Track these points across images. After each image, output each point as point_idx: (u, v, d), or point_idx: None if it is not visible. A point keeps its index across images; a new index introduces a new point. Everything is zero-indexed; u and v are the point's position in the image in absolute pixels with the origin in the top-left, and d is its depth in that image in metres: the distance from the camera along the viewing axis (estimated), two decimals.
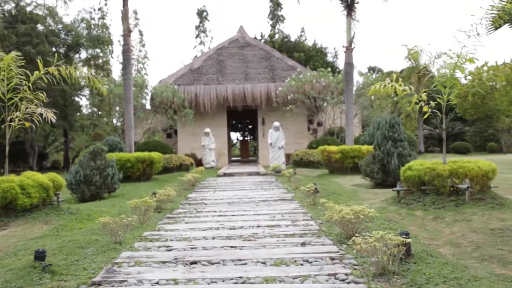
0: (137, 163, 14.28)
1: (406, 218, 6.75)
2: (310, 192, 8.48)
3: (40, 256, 4.41)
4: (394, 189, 8.08)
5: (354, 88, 20.30)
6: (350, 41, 14.91)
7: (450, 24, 76.72)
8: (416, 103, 7.95)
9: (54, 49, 25.78)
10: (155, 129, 22.86)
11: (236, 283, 3.86)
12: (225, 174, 16.13)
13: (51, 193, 7.76)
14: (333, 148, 14.68)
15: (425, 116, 8.13)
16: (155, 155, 14.85)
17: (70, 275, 4.27)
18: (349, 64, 14.97)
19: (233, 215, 7.38)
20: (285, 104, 21.53)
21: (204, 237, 5.71)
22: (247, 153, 32.52)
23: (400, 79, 8.11)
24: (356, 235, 5.29)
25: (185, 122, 20.98)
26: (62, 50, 26.28)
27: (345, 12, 15.37)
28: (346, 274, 3.97)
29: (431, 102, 7.80)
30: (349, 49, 14.92)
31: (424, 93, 7.73)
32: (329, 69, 21.70)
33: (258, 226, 6.31)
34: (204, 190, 11.49)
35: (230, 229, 6.21)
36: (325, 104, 19.95)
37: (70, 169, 10.97)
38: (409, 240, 4.20)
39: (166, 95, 19.80)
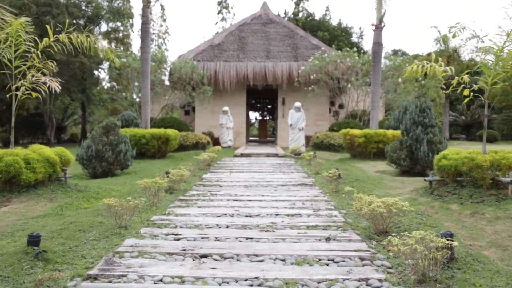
0: (152, 140, 13.84)
1: (440, 212, 6.11)
2: (333, 178, 7.88)
3: (33, 241, 3.94)
4: (426, 178, 7.42)
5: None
6: (380, 19, 14.03)
7: (477, 8, 73.86)
8: (453, 87, 7.24)
9: (74, 21, 25.34)
10: (172, 106, 22.39)
11: (252, 285, 3.33)
12: (242, 155, 15.61)
13: (58, 168, 7.33)
14: (356, 131, 13.97)
15: (465, 100, 7.38)
16: (171, 132, 14.38)
17: (65, 263, 3.81)
18: (377, 44, 14.13)
19: (250, 200, 6.84)
20: (307, 85, 20.78)
21: (217, 224, 5.19)
22: (265, 134, 31.91)
23: (440, 59, 7.37)
24: (389, 232, 4.72)
25: (203, 99, 20.44)
26: (82, 22, 25.78)
27: None
28: (380, 280, 3.40)
29: (473, 85, 7.07)
30: (378, 28, 14.05)
31: (466, 75, 6.98)
32: (355, 49, 20.77)
33: (277, 215, 5.76)
34: (220, 171, 10.99)
35: (246, 216, 5.68)
36: (349, 86, 19.12)
37: (82, 143, 10.57)
38: (455, 243, 3.59)
39: (185, 70, 19.23)
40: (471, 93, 7.06)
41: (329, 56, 19.71)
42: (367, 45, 50.61)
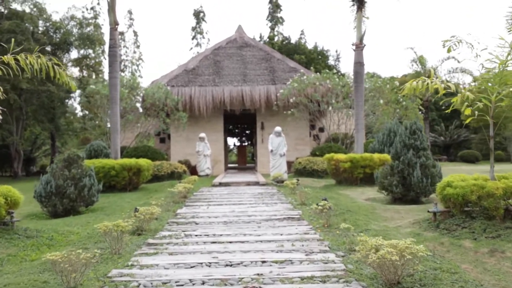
0: (122, 171, 12.76)
1: (452, 250, 5.27)
2: (324, 210, 6.98)
3: None
4: (430, 210, 6.59)
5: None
6: (361, 38, 13.48)
7: (454, 26, 75.71)
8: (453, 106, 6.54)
9: (40, 48, 24.25)
10: (146, 134, 21.31)
11: None
12: (221, 184, 14.62)
13: (2, 211, 6.23)
14: (341, 156, 13.21)
15: (468, 120, 6.68)
16: (143, 162, 13.33)
17: None
18: (359, 64, 13.53)
19: (230, 242, 5.87)
20: (285, 108, 20.09)
21: (190, 280, 4.21)
22: (244, 160, 31.00)
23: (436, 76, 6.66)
24: (402, 283, 3.82)
25: (179, 126, 19.47)
26: (49, 49, 24.69)
27: (355, 8, 13.96)
28: None
29: (478, 102, 6.37)
30: (359, 47, 13.49)
31: (469, 92, 6.28)
32: (334, 70, 20.26)
33: (263, 262, 4.81)
34: (197, 204, 9.98)
35: (226, 266, 4.72)
36: (330, 108, 18.49)
37: (41, 178, 9.44)
38: None
39: (158, 96, 18.30)
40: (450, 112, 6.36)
41: (308, 78, 19.11)
42: (344, 67, 50.79)
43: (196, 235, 6.42)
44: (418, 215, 7.90)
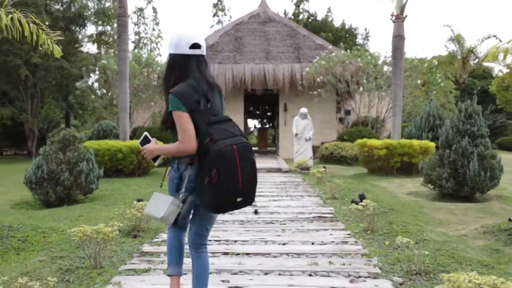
0: (130, 154, 11.52)
1: None
2: (366, 211, 5.53)
3: None
4: (511, 218, 5.06)
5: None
6: (402, 8, 11.75)
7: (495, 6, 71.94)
8: None
9: (53, 22, 23.10)
10: (162, 113, 20.05)
11: None
12: None
13: None
14: (375, 142, 11.66)
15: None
16: None
17: None
18: (399, 37, 11.84)
19: (247, 254, 4.51)
20: (311, 89, 18.50)
21: None
22: (265, 143, 29.54)
23: None
24: None
25: None
26: (62, 24, 23.51)
27: None
28: None
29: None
30: (399, 18, 11.78)
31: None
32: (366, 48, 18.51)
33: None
34: None
35: None
36: (361, 89, 16.82)
37: (33, 161, 8.23)
38: None
39: None
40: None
41: (337, 56, 17.44)
42: (373, 46, 48.43)
43: None
44: (481, 218, 6.39)
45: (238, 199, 2.52)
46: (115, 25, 33.53)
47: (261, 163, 15.67)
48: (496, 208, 7.15)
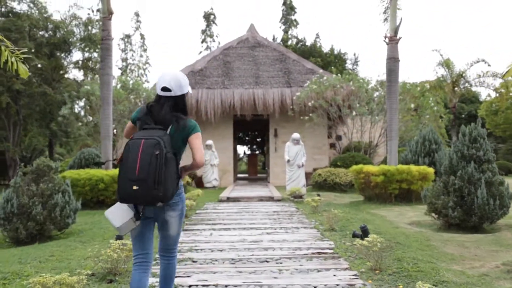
0: (113, 184, 10.81)
1: None
2: (373, 249, 4.90)
3: None
4: None
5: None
6: (395, 30, 11.42)
7: (481, 29, 73.29)
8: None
9: (37, 48, 22.56)
10: None
11: None
12: (229, 199, 12.60)
13: None
14: (372, 168, 11.12)
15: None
16: None
17: None
18: (393, 59, 11.47)
19: None
20: (302, 113, 18.07)
21: None
22: (255, 170, 28.93)
23: None
24: None
25: None
26: (46, 50, 22.95)
27: None
28: None
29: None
30: (393, 40, 11.43)
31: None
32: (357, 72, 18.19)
33: None
34: (198, 228, 7.96)
35: None
36: (354, 113, 16.40)
37: (3, 194, 7.51)
38: None
39: None
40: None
41: (328, 80, 17.07)
42: (362, 71, 48.52)
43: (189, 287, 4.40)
44: (496, 252, 5.80)
45: (134, 187, 2.73)
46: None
47: (251, 191, 15.01)
48: (509, 240, 6.58)
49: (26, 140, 30.01)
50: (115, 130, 16.61)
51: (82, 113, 21.90)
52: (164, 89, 3.08)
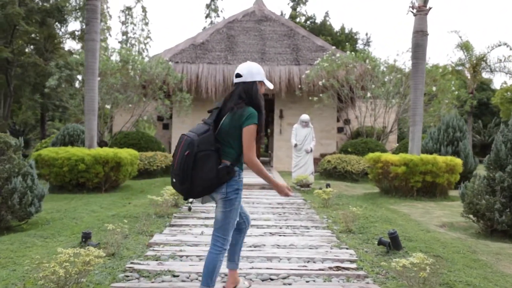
0: (95, 165, 9.45)
1: None
2: (422, 274, 3.53)
3: None
4: None
5: (388, 81, 15.29)
6: None
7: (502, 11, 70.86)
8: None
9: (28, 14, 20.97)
10: (142, 117, 17.94)
11: None
12: None
13: None
14: (392, 157, 9.71)
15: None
16: (124, 154, 10.00)
17: None
18: (421, 33, 9.95)
19: None
20: (310, 94, 16.61)
21: None
22: (258, 153, 27.62)
23: None
24: None
25: (181, 109, 16.10)
26: (37, 17, 21.37)
27: None
28: None
29: None
30: (422, 10, 9.89)
31: None
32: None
33: None
34: (188, 222, 6.62)
35: None
36: (368, 94, 14.91)
37: None
38: None
39: (156, 72, 14.91)
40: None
41: (341, 57, 15.54)
42: (374, 53, 46.48)
43: None
44: None
45: (173, 180, 3.11)
46: (102, 23, 31.44)
47: (253, 177, 13.64)
48: None
49: (20, 114, 28.67)
50: (108, 106, 15.17)
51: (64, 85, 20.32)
52: (237, 75, 3.21)
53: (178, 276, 4.13)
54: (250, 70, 3.20)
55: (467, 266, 4.66)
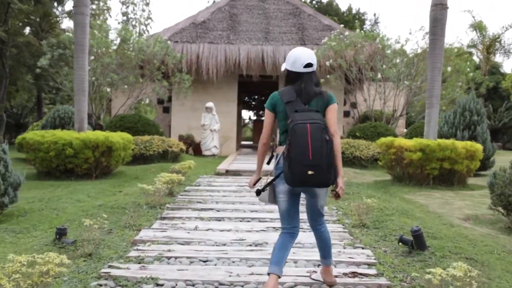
0: (84, 150, 8.72)
1: None
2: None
3: None
4: None
5: (399, 64, 14.40)
6: None
7: None
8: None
9: None
10: (139, 100, 17.13)
11: None
12: (228, 172, 10.54)
13: None
14: (407, 142, 8.93)
15: None
16: (116, 138, 9.26)
17: None
18: (440, 6, 9.07)
19: None
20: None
21: None
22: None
23: None
24: None
25: (180, 91, 15.31)
26: None
27: None
28: None
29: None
30: None
31: None
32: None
33: None
34: (181, 214, 5.90)
35: None
36: (379, 76, 14.06)
37: None
38: None
39: (154, 51, 14.09)
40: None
41: (350, 36, 14.66)
42: (383, 32, 45.03)
43: None
44: None
45: (309, 172, 2.82)
46: (101, 3, 30.42)
47: (255, 161, 12.94)
48: None
49: (17, 96, 27.93)
50: (108, 89, 14.39)
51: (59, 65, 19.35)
52: (308, 65, 3.14)
53: (162, 285, 3.42)
54: (315, 58, 3.22)
55: (507, 272, 3.92)
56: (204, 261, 4.00)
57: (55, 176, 8.98)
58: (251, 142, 28.53)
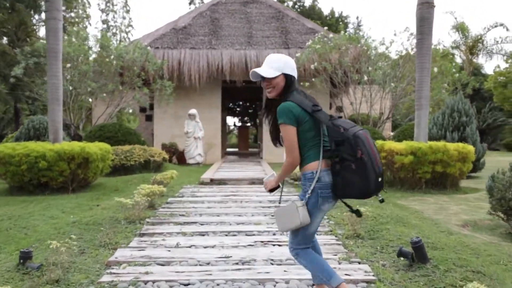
0: (59, 162, 8.21)
1: None
2: None
3: None
4: None
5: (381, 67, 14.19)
6: None
7: None
8: None
9: None
10: (126, 109, 16.67)
11: None
12: (212, 181, 10.11)
13: None
14: (397, 146, 8.63)
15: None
16: (94, 149, 8.77)
17: None
18: (427, 5, 8.82)
19: None
20: (301, 79, 15.47)
21: None
22: (246, 144, 26.42)
23: None
24: None
25: (161, 99, 14.85)
26: (6, 2, 19.86)
27: None
28: None
29: None
30: None
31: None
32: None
33: None
34: (162, 232, 5.46)
35: None
36: (365, 78, 13.80)
37: None
38: None
39: (134, 57, 13.62)
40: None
41: (334, 39, 14.39)
42: (367, 34, 45.10)
43: None
44: None
45: (379, 179, 2.70)
46: (80, 12, 29.81)
47: (241, 169, 12.54)
48: None
49: None
50: (90, 99, 13.86)
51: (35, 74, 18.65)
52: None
53: None
54: None
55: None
56: (185, 285, 3.58)
57: (28, 190, 8.45)
58: (236, 149, 28.10)
